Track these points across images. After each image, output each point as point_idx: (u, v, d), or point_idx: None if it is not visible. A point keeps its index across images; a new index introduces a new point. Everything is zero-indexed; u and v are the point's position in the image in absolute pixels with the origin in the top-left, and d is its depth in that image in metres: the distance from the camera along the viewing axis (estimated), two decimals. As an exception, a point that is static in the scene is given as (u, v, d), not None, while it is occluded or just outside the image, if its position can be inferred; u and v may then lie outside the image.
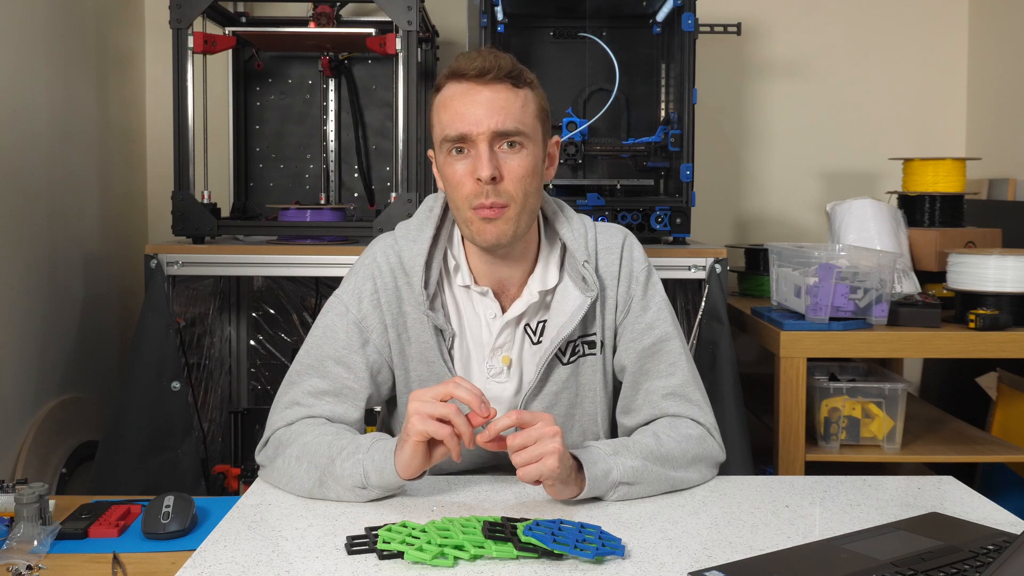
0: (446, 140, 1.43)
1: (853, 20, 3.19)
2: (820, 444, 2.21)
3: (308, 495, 1.36)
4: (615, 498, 1.34)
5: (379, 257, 1.53)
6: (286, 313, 3.04)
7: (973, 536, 1.17)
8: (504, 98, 1.42)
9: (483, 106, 1.41)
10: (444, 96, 1.45)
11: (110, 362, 2.79)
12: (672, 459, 1.40)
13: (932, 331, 2.20)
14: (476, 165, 1.41)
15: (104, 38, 2.81)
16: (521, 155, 1.43)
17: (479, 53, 1.44)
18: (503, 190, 1.42)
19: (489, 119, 1.40)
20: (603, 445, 1.38)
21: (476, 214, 1.43)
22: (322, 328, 1.52)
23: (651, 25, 2.63)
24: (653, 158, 2.49)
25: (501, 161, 1.42)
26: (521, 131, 1.42)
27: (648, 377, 1.52)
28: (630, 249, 1.56)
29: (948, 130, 3.21)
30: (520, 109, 1.43)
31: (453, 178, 1.44)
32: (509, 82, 1.43)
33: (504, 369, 1.52)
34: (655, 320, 1.53)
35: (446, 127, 1.43)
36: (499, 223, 1.43)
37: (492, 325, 1.51)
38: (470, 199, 1.43)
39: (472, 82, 1.42)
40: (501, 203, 1.42)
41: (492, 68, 1.41)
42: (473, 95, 1.41)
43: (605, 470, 1.33)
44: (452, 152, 1.43)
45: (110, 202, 2.83)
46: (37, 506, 1.24)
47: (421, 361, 1.51)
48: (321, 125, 2.88)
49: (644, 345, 1.52)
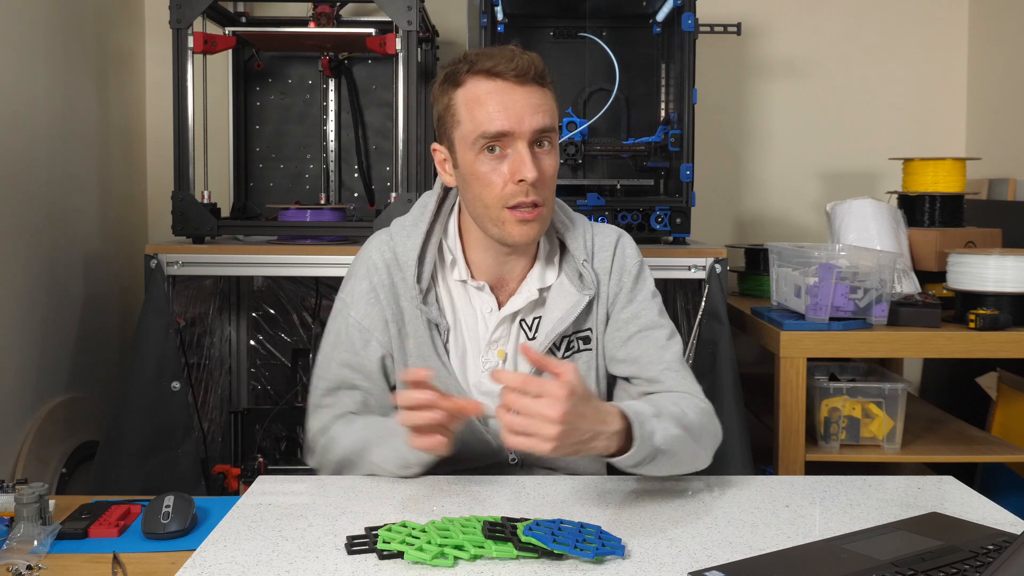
0: (482, 137, 1.41)
1: (853, 20, 3.19)
2: (820, 444, 2.21)
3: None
4: (645, 471, 1.32)
5: (374, 254, 1.55)
6: (286, 313, 3.04)
7: (973, 536, 1.17)
8: (539, 97, 1.43)
9: (523, 105, 1.41)
10: (475, 92, 1.43)
11: (110, 362, 2.79)
12: (695, 430, 1.39)
13: (932, 331, 2.20)
14: (517, 166, 1.41)
15: (104, 38, 2.81)
16: (552, 155, 1.46)
17: (512, 52, 1.43)
18: (540, 188, 1.43)
19: (531, 118, 1.41)
20: (642, 405, 1.35)
21: (513, 215, 1.43)
22: (331, 333, 1.57)
23: (651, 25, 2.63)
24: (653, 158, 2.49)
25: (538, 161, 1.43)
26: (554, 127, 1.45)
27: (638, 363, 1.53)
28: (623, 247, 1.58)
29: (948, 130, 3.21)
30: (551, 107, 1.45)
31: (486, 177, 1.43)
32: (539, 82, 1.44)
33: (500, 363, 1.53)
34: (641, 310, 1.55)
35: (482, 124, 1.41)
36: (535, 224, 1.45)
37: (488, 320, 1.53)
38: (506, 199, 1.42)
39: (509, 81, 1.41)
40: (540, 202, 1.43)
41: (529, 69, 1.42)
42: (511, 94, 1.41)
43: (650, 431, 1.29)
44: (484, 150, 1.42)
45: (110, 202, 2.83)
46: (37, 506, 1.24)
47: (418, 355, 1.52)
48: (321, 125, 2.88)
49: (629, 332, 1.53)
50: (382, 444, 1.41)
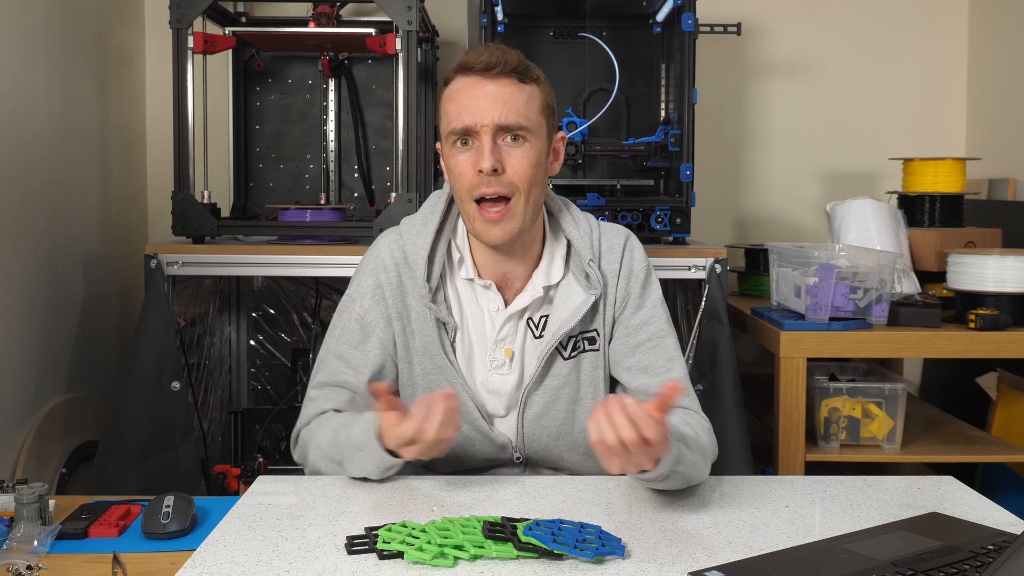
0: (452, 132, 1.46)
1: (853, 20, 3.19)
2: (820, 444, 2.21)
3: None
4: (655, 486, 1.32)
5: (383, 252, 1.56)
6: (286, 313, 3.04)
7: (973, 536, 1.17)
8: (509, 92, 1.44)
9: (488, 99, 1.43)
10: (451, 89, 1.48)
11: (110, 362, 2.79)
12: (702, 449, 1.40)
13: (932, 331, 2.20)
14: (478, 157, 1.44)
15: (104, 38, 2.81)
16: (523, 148, 1.45)
17: (487, 48, 1.46)
18: (506, 181, 1.44)
19: (493, 112, 1.43)
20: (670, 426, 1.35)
21: (479, 212, 1.45)
22: (335, 328, 1.58)
23: (651, 25, 2.63)
24: (653, 158, 2.49)
25: (504, 154, 1.44)
26: (524, 126, 1.45)
27: (646, 373, 1.53)
28: (631, 249, 1.58)
29: (948, 130, 3.21)
30: (524, 104, 1.45)
31: (456, 169, 1.47)
32: (515, 77, 1.46)
33: (507, 361, 1.54)
34: (650, 317, 1.55)
35: (452, 120, 1.46)
36: (503, 224, 1.45)
37: (495, 318, 1.54)
38: (471, 190, 1.45)
39: (478, 76, 1.45)
40: (505, 193, 1.44)
41: (499, 63, 1.44)
42: (478, 88, 1.44)
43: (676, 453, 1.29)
44: (456, 144, 1.47)
45: (110, 202, 2.83)
46: (37, 506, 1.24)
47: (425, 354, 1.54)
48: (321, 125, 2.88)
49: (639, 340, 1.54)
50: (358, 455, 1.39)
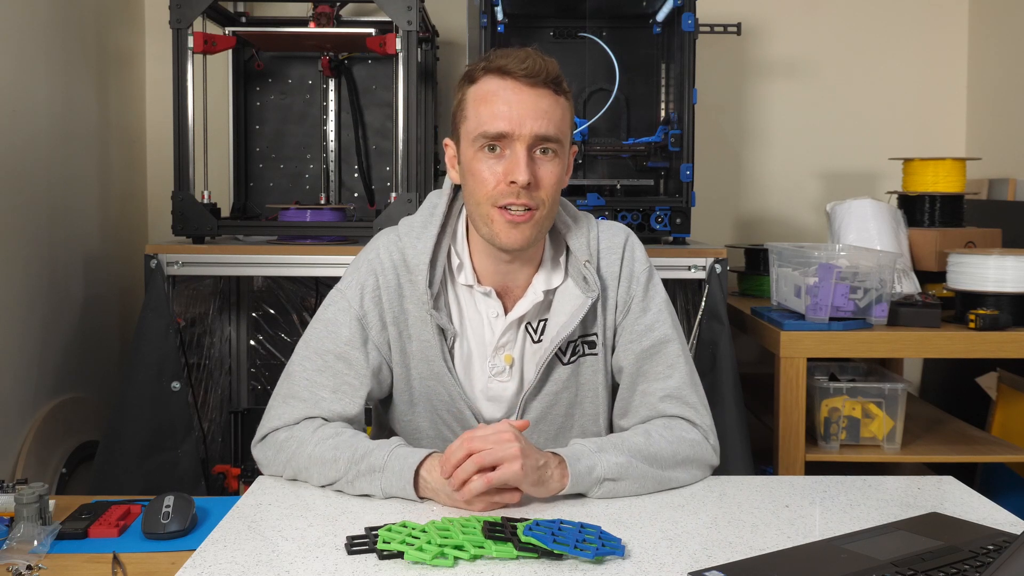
0: (482, 136, 1.41)
1: (853, 20, 3.19)
2: (820, 444, 2.21)
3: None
4: (599, 495, 1.34)
5: (382, 253, 1.51)
6: (286, 313, 3.04)
7: (973, 536, 1.17)
8: (548, 103, 1.41)
9: (527, 108, 1.39)
10: (484, 90, 1.42)
11: (110, 362, 2.79)
12: (661, 458, 1.39)
13: (932, 331, 2.20)
14: (512, 168, 1.39)
15: (104, 38, 2.81)
16: (554, 163, 1.43)
17: (526, 53, 1.42)
18: (535, 195, 1.41)
19: (532, 122, 1.39)
20: (588, 442, 1.38)
21: (501, 214, 1.41)
22: (323, 322, 1.51)
23: (651, 25, 2.63)
24: (653, 158, 2.49)
25: (536, 167, 1.41)
26: (559, 139, 1.42)
27: (645, 379, 1.51)
28: (632, 249, 1.55)
29: (948, 130, 3.21)
30: (560, 117, 1.43)
31: (480, 175, 1.42)
32: (552, 88, 1.42)
33: (506, 368, 1.51)
34: (655, 322, 1.52)
35: (484, 123, 1.40)
36: (525, 228, 1.42)
37: (495, 324, 1.51)
38: (495, 197, 1.41)
39: (518, 81, 1.40)
40: (532, 205, 1.41)
41: (541, 71, 1.40)
42: (517, 95, 1.40)
43: (589, 466, 1.33)
44: (484, 148, 1.41)
45: (110, 202, 2.83)
46: (37, 506, 1.24)
47: (422, 359, 1.50)
48: (321, 125, 2.88)
49: (643, 347, 1.51)
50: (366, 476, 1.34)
